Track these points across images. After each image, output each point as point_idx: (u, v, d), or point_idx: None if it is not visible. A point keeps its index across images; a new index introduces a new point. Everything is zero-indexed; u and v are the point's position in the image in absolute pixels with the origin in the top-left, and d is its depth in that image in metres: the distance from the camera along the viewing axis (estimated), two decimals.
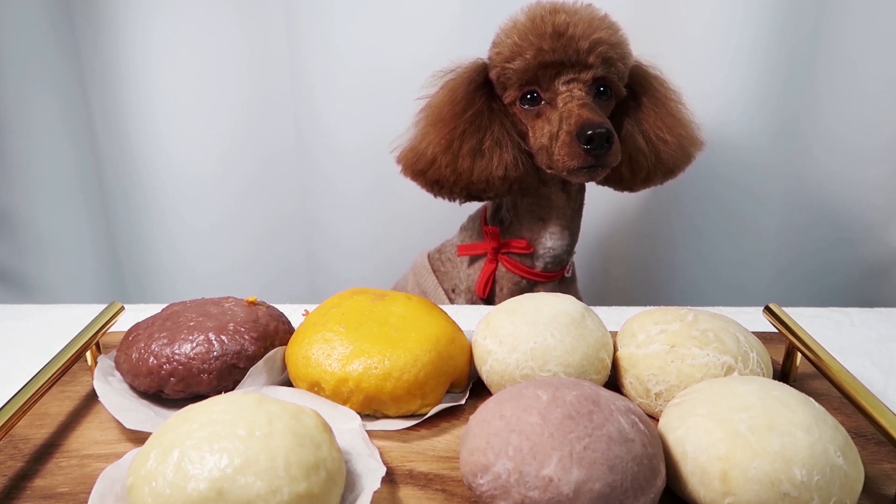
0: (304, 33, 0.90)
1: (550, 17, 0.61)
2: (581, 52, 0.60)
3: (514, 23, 0.64)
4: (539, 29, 0.61)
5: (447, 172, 0.64)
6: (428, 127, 0.65)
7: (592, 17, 0.62)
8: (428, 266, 0.77)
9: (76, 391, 0.47)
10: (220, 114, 0.95)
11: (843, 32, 0.84)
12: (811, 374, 0.48)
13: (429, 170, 0.65)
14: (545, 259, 0.70)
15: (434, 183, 0.66)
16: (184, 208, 1.00)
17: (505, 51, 0.63)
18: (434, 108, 0.66)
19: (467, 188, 0.65)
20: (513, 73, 0.62)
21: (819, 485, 0.32)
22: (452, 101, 0.64)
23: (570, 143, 0.59)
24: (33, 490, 0.37)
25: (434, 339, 0.44)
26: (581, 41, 0.60)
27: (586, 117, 0.59)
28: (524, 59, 0.61)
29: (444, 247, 0.77)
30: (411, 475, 0.38)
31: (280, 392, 0.44)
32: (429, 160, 0.64)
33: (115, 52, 0.91)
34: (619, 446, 0.32)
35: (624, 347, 0.46)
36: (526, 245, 0.69)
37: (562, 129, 0.60)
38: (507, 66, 0.63)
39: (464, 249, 0.73)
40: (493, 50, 0.65)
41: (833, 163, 0.91)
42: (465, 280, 0.73)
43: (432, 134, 0.64)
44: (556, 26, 0.60)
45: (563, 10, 0.62)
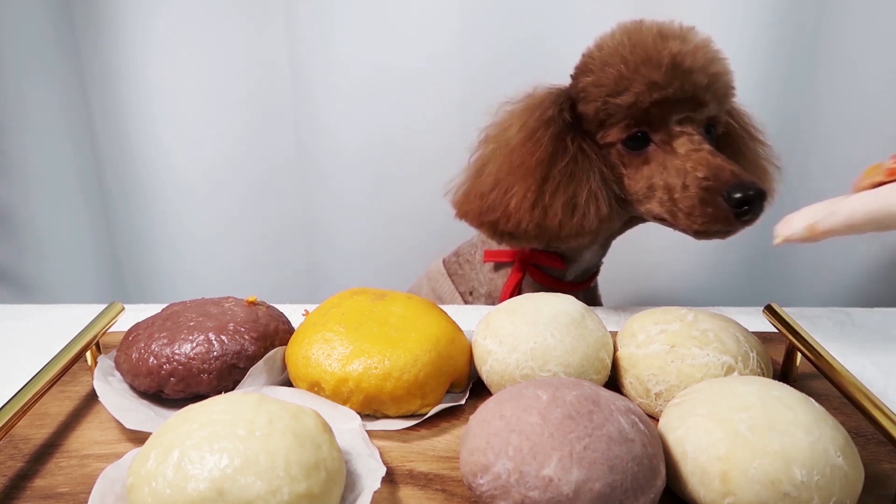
0: (305, 34, 0.90)
1: (663, 44, 0.52)
2: (699, 88, 0.52)
3: (615, 48, 0.54)
4: (653, 58, 0.52)
5: (530, 227, 0.55)
6: (504, 174, 0.56)
7: (707, 46, 0.54)
8: (443, 270, 0.75)
9: (76, 391, 0.47)
10: (221, 114, 0.95)
11: (843, 32, 0.84)
12: (811, 374, 0.48)
13: (504, 222, 0.56)
14: (576, 272, 0.67)
15: (507, 234, 0.57)
16: (184, 208, 1.00)
17: (607, 82, 0.54)
18: (510, 152, 0.56)
19: (550, 241, 0.57)
20: (617, 110, 0.54)
21: (819, 485, 0.32)
22: (536, 145, 0.55)
23: (712, 201, 0.50)
24: (33, 490, 0.37)
25: (434, 339, 0.44)
26: (699, 75, 0.52)
27: (729, 171, 0.50)
28: (634, 94, 0.52)
29: (461, 249, 0.75)
30: (411, 475, 0.38)
31: (280, 392, 0.44)
32: (506, 214, 0.56)
33: (115, 52, 0.91)
34: (619, 446, 0.32)
35: (624, 347, 0.46)
36: (559, 262, 0.64)
37: (691, 183, 0.51)
38: (610, 101, 0.53)
39: (490, 255, 0.69)
40: (584, 78, 0.56)
41: (833, 162, 0.91)
42: (486, 284, 0.70)
43: (513, 185, 0.55)
44: (672, 56, 0.52)
45: (674, 36, 0.53)
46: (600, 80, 0.54)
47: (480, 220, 0.58)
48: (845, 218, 0.41)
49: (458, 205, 0.60)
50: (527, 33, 0.88)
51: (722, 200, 0.50)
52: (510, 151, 0.56)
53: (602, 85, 0.54)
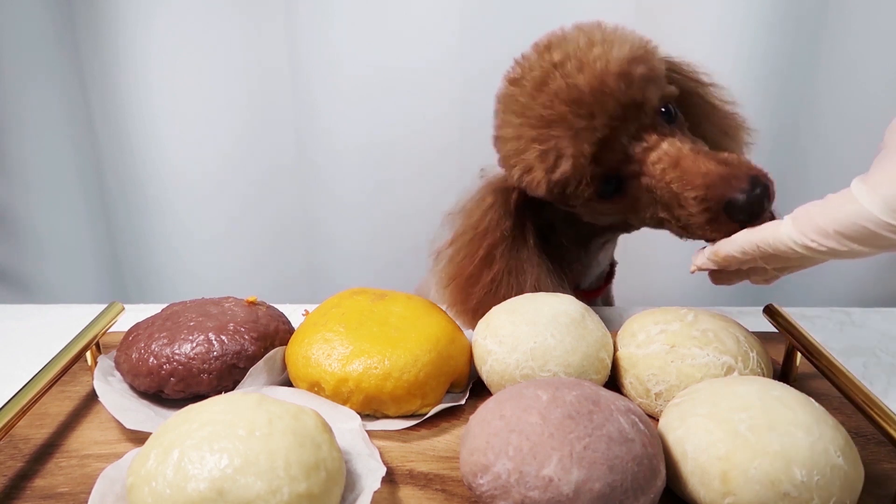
0: (305, 34, 0.90)
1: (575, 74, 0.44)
2: (629, 100, 0.44)
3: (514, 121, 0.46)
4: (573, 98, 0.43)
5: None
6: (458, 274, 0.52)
7: (610, 48, 0.45)
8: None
9: (76, 391, 0.47)
10: (221, 114, 0.95)
11: (843, 33, 0.84)
12: (811, 374, 0.48)
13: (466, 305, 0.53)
14: (590, 279, 0.61)
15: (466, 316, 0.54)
16: (184, 209, 1.00)
17: (533, 165, 0.45)
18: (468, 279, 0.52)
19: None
20: (564, 180, 0.45)
21: (819, 485, 0.32)
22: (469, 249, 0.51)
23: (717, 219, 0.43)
24: (33, 490, 0.37)
25: (434, 339, 0.44)
26: (621, 94, 0.43)
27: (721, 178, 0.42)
28: (571, 159, 0.44)
29: None
30: (411, 475, 0.38)
31: (280, 392, 0.44)
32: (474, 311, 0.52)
33: (115, 52, 0.91)
34: (619, 446, 0.32)
35: (624, 347, 0.46)
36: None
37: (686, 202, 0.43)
38: (552, 178, 0.45)
39: None
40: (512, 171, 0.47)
41: (833, 163, 0.91)
42: None
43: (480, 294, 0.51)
44: (590, 87, 0.43)
45: (566, 71, 0.44)
46: (526, 165, 0.46)
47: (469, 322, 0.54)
48: (739, 245, 0.41)
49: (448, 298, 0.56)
50: (527, 34, 0.88)
51: (725, 217, 0.43)
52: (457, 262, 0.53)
53: (529, 171, 0.46)
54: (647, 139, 0.45)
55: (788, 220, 0.39)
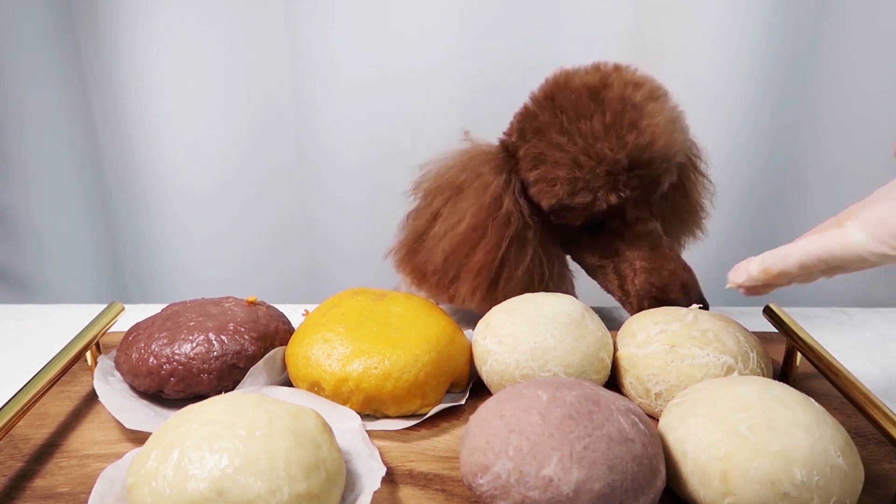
0: (305, 34, 0.90)
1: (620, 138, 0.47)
2: (658, 173, 0.49)
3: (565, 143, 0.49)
4: (609, 158, 0.47)
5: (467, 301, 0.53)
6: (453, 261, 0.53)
7: (669, 117, 0.49)
8: None
9: (76, 391, 0.47)
10: (221, 114, 0.95)
11: (843, 33, 0.84)
12: (811, 374, 0.48)
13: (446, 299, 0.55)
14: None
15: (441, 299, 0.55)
16: (184, 208, 1.00)
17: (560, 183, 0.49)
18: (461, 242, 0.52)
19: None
20: (576, 206, 0.50)
21: (819, 485, 0.32)
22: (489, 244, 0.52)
23: (656, 304, 0.51)
24: (33, 490, 0.37)
25: (434, 339, 0.44)
26: (658, 163, 0.49)
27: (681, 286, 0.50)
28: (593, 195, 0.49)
29: None
30: (411, 475, 0.38)
31: (280, 392, 0.44)
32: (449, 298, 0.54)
33: (115, 52, 0.91)
34: (619, 446, 0.32)
35: (624, 347, 0.46)
36: None
37: (639, 282, 0.51)
38: (566, 201, 0.49)
39: None
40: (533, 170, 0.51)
41: (833, 163, 0.91)
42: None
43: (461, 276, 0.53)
44: (631, 153, 0.48)
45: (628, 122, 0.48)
46: (553, 178, 0.50)
47: (419, 289, 0.56)
48: (797, 260, 0.39)
49: (399, 265, 0.58)
50: (526, 34, 0.88)
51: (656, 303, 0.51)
52: (460, 242, 0.53)
53: (554, 184, 0.50)
54: (643, 211, 0.52)
55: (855, 227, 0.37)
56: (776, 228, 0.96)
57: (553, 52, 0.87)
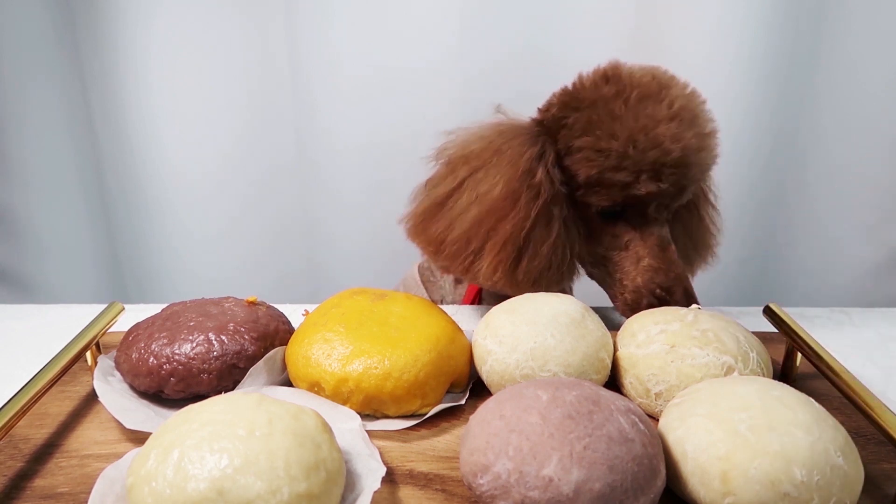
0: (305, 34, 0.90)
1: (678, 131, 0.49)
2: (691, 182, 0.52)
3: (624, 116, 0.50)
4: (662, 146, 0.49)
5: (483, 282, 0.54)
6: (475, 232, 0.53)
7: (708, 133, 0.52)
8: (418, 279, 0.73)
9: (76, 391, 0.47)
10: (221, 114, 0.95)
11: (843, 33, 0.84)
12: (811, 374, 0.48)
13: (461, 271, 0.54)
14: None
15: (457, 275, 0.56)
16: (184, 209, 1.00)
17: (610, 154, 0.50)
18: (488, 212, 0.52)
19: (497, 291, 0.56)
20: (612, 184, 0.51)
21: (819, 485, 0.32)
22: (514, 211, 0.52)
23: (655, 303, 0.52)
24: (33, 490, 0.37)
25: (434, 339, 0.44)
26: (696, 170, 0.51)
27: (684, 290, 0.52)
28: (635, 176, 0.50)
29: None
30: (411, 475, 0.38)
31: (280, 392, 0.44)
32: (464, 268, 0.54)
33: (115, 52, 0.91)
34: (619, 446, 0.32)
35: (624, 347, 0.46)
36: None
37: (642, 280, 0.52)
38: (608, 175, 0.50)
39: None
40: (581, 137, 0.51)
41: (833, 163, 0.91)
42: (451, 293, 0.70)
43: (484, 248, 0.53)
44: (683, 150, 0.49)
45: (684, 120, 0.50)
46: (602, 147, 0.50)
47: (435, 259, 0.56)
48: None
49: (412, 233, 0.57)
50: (527, 34, 0.88)
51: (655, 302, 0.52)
52: (488, 211, 0.53)
53: (603, 154, 0.50)
54: (661, 214, 0.53)
55: None
56: (776, 228, 0.96)
57: (553, 52, 0.87)
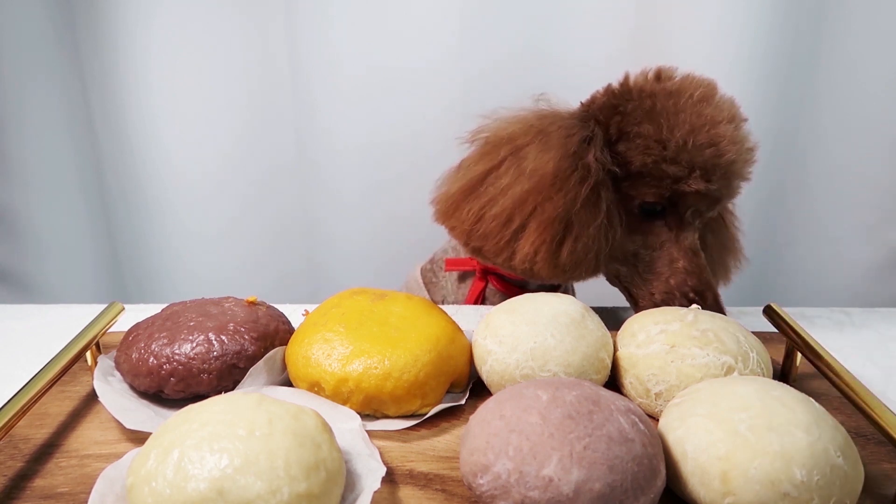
0: (305, 34, 0.90)
1: (733, 135, 0.50)
2: (729, 192, 0.53)
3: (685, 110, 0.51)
4: (719, 145, 0.50)
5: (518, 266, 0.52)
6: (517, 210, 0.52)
7: (750, 148, 0.53)
8: (420, 281, 0.74)
9: (76, 391, 0.47)
10: (221, 114, 0.95)
11: (843, 33, 0.84)
12: (811, 374, 0.48)
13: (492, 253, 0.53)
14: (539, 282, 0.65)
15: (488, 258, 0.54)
16: (184, 209, 1.00)
17: (669, 145, 0.50)
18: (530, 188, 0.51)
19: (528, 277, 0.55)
20: (663, 175, 0.51)
21: (819, 485, 0.32)
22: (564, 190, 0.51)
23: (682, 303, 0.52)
24: (33, 490, 0.37)
25: (434, 339, 0.44)
26: (737, 181, 0.53)
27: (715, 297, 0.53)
28: (688, 172, 0.50)
29: (435, 257, 0.74)
30: (411, 475, 0.38)
31: (280, 392, 0.44)
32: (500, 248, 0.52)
33: (115, 52, 0.91)
34: (619, 446, 0.32)
35: (624, 347, 0.46)
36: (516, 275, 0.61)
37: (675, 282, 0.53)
38: (663, 165, 0.51)
39: (451, 264, 0.67)
40: (640, 124, 0.51)
41: (833, 163, 0.91)
42: (453, 293, 0.70)
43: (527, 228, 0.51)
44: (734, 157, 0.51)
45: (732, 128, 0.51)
46: (662, 138, 0.50)
47: (467, 237, 0.54)
48: None
49: (443, 212, 0.56)
50: (527, 34, 0.88)
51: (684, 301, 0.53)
52: (532, 188, 0.51)
53: (662, 144, 0.51)
54: (697, 221, 0.54)
55: None
56: (776, 228, 0.96)
57: (553, 51, 0.87)
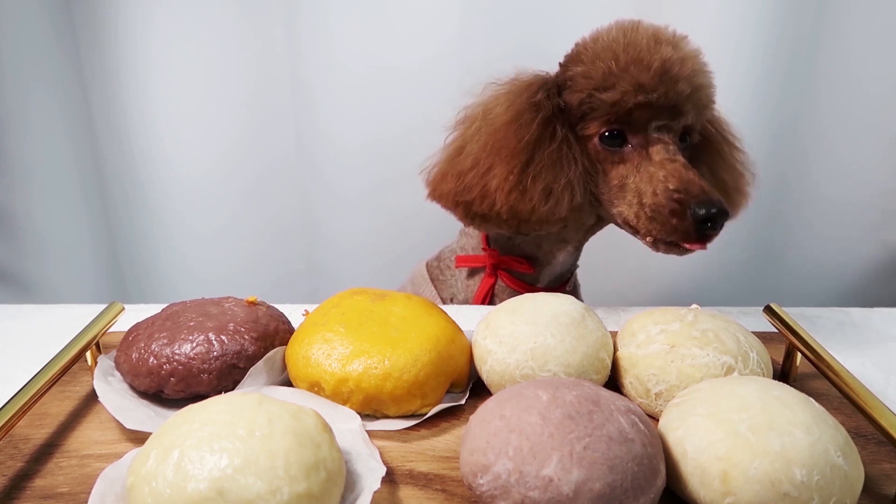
0: (305, 34, 0.90)
1: (656, 48, 0.53)
2: (682, 97, 0.53)
3: (610, 43, 0.54)
4: (644, 60, 0.52)
5: (503, 209, 0.55)
6: (486, 156, 0.56)
7: (697, 56, 0.55)
8: (426, 276, 0.74)
9: (76, 391, 0.47)
10: (221, 114, 0.95)
11: (843, 34, 0.84)
12: (811, 374, 0.48)
13: (478, 203, 0.56)
14: (550, 278, 0.67)
15: (479, 216, 0.57)
16: (184, 209, 1.00)
17: (595, 75, 0.54)
18: (493, 132, 0.56)
19: (519, 226, 0.57)
20: (601, 105, 0.54)
21: (819, 485, 0.32)
22: (522, 127, 0.55)
23: (681, 213, 0.51)
24: (33, 490, 0.37)
25: (434, 339, 0.44)
26: (683, 84, 0.53)
27: (699, 187, 0.51)
28: (620, 93, 0.53)
29: (442, 254, 0.75)
30: (411, 475, 0.38)
31: (280, 392, 0.44)
32: (483, 194, 0.56)
33: (115, 52, 0.91)
34: (619, 446, 0.32)
35: (624, 347, 0.46)
36: (527, 266, 0.65)
37: (661, 191, 0.52)
38: (596, 95, 0.54)
39: (462, 260, 0.69)
40: (574, 67, 0.56)
41: (833, 163, 0.91)
42: (463, 290, 0.71)
43: (495, 166, 0.55)
44: (663, 62, 0.52)
45: (667, 41, 0.54)
46: (589, 71, 0.55)
47: (455, 200, 0.58)
48: None
49: (433, 185, 0.60)
50: (527, 34, 0.88)
51: (688, 214, 0.51)
52: (494, 132, 0.56)
53: (590, 77, 0.54)
54: (664, 135, 0.55)
55: None
56: (776, 228, 0.96)
57: (553, 51, 0.87)
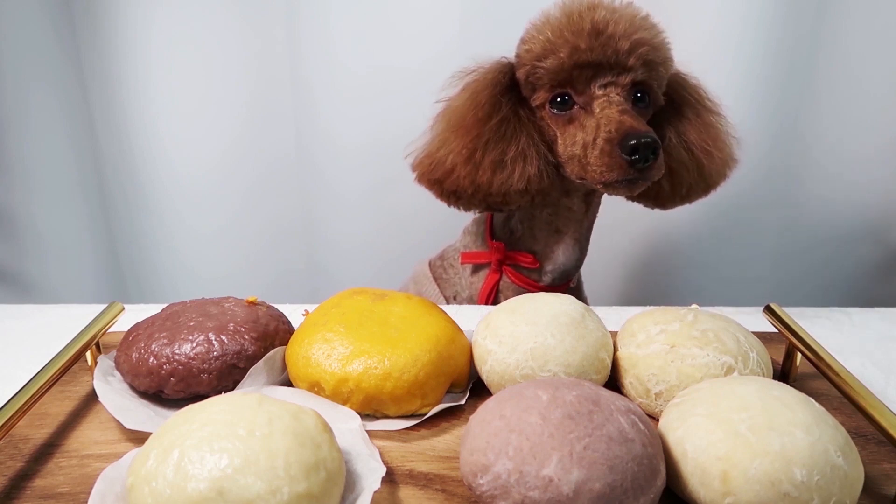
0: (305, 34, 0.90)
1: (588, 13, 0.56)
2: (621, 53, 0.55)
3: (547, 18, 0.58)
4: (575, 25, 0.56)
5: (465, 184, 0.59)
6: (447, 133, 0.60)
7: (634, 15, 0.57)
8: (429, 274, 0.75)
9: (76, 391, 0.47)
10: (221, 114, 0.95)
11: (843, 34, 0.84)
12: (811, 374, 0.48)
13: (446, 180, 0.60)
14: (553, 274, 0.68)
15: (451, 194, 0.61)
16: (184, 208, 1.00)
17: (536, 48, 0.58)
18: (454, 113, 0.61)
19: (485, 200, 0.60)
20: (544, 73, 0.57)
21: (819, 485, 0.32)
22: (475, 106, 0.59)
23: (611, 152, 0.54)
24: (33, 490, 0.37)
25: (434, 339, 0.44)
26: (621, 41, 0.55)
27: (629, 124, 0.54)
28: (558, 58, 0.56)
29: (445, 252, 0.76)
30: (411, 475, 0.38)
31: (280, 392, 0.44)
32: (447, 170, 0.60)
33: (115, 52, 0.91)
34: (619, 446, 0.32)
35: (624, 347, 0.46)
36: (532, 260, 0.66)
37: (599, 137, 0.55)
38: (537, 64, 0.57)
39: (467, 257, 0.71)
40: (521, 46, 0.60)
41: (833, 163, 0.91)
42: (467, 288, 0.71)
43: (452, 141, 0.59)
44: (594, 23, 0.55)
45: (601, 7, 0.57)
46: (531, 47, 0.58)
47: (430, 178, 0.62)
48: None
49: (415, 167, 0.63)
50: None
51: (618, 150, 0.54)
52: (453, 111, 0.61)
53: (532, 51, 0.58)
54: (609, 91, 0.57)
55: None
56: (776, 228, 0.96)
57: None
